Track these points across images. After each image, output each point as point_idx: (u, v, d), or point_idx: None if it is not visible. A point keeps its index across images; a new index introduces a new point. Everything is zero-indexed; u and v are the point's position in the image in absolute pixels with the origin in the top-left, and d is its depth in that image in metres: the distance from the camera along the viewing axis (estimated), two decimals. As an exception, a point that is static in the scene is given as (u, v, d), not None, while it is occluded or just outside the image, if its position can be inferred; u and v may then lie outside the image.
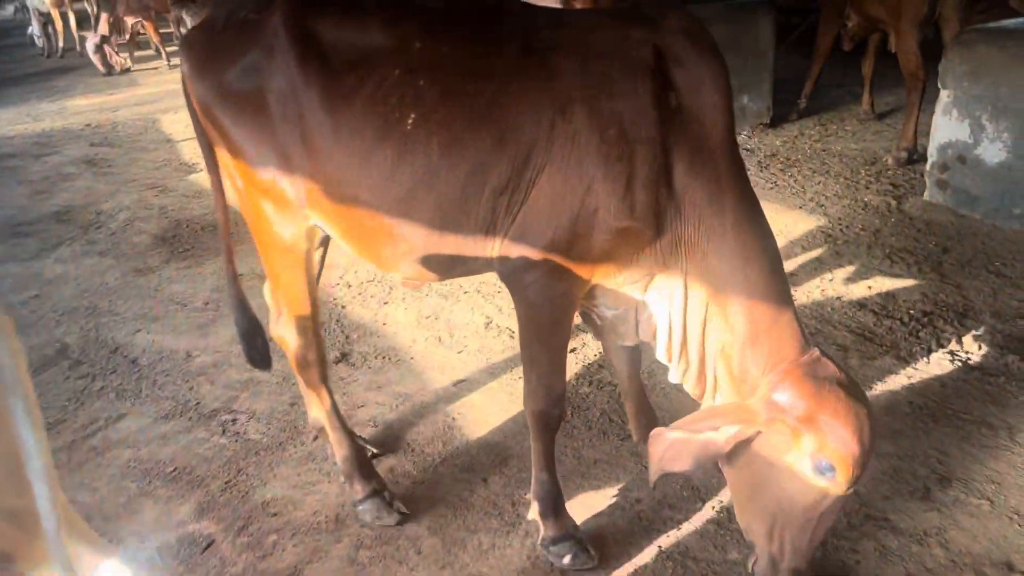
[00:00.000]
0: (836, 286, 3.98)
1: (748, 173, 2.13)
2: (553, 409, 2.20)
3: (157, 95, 9.76)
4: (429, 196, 2.01)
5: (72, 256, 4.81)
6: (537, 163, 1.96)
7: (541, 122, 1.94)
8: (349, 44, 2.04)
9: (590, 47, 1.99)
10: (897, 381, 3.13)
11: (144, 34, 12.40)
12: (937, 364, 3.22)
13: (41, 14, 13.98)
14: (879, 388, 3.09)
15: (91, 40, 11.42)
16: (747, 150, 6.23)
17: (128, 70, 11.86)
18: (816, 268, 4.19)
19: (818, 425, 1.78)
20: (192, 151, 6.91)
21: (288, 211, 2.19)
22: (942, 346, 3.35)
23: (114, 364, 3.57)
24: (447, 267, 2.17)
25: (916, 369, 3.20)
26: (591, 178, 1.93)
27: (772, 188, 5.38)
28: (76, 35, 13.22)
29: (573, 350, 3.43)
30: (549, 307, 2.08)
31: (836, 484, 1.80)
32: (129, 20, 11.72)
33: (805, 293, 3.91)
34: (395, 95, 1.97)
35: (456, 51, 2.02)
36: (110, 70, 11.58)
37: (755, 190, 2.09)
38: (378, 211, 2.06)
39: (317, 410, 2.59)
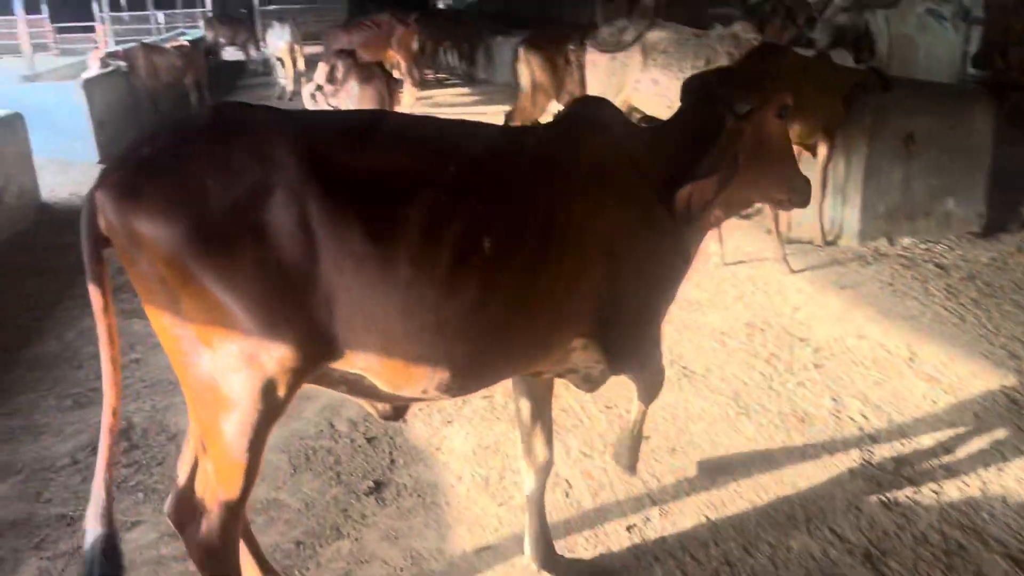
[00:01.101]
0: (1006, 481, 3.08)
1: (932, 298, 1.66)
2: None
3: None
4: (511, 323, 2.04)
5: (189, 319, 4.87)
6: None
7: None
8: (378, 175, 1.88)
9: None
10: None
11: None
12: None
13: (277, 58, 15.26)
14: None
15: (307, 87, 12.18)
16: (939, 266, 5.26)
17: (338, 116, 12.52)
18: (985, 449, 3.30)
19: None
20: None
21: (276, 363, 1.85)
22: None
23: (164, 454, 3.47)
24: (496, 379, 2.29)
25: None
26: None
27: (955, 323, 4.44)
28: (303, 80, 14.23)
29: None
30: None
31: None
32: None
33: (958, 484, 3.06)
34: (452, 230, 1.91)
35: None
36: (322, 116, 12.28)
37: (931, 322, 1.54)
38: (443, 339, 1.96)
39: None
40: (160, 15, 27.03)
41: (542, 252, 2.02)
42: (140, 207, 1.75)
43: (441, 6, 24.35)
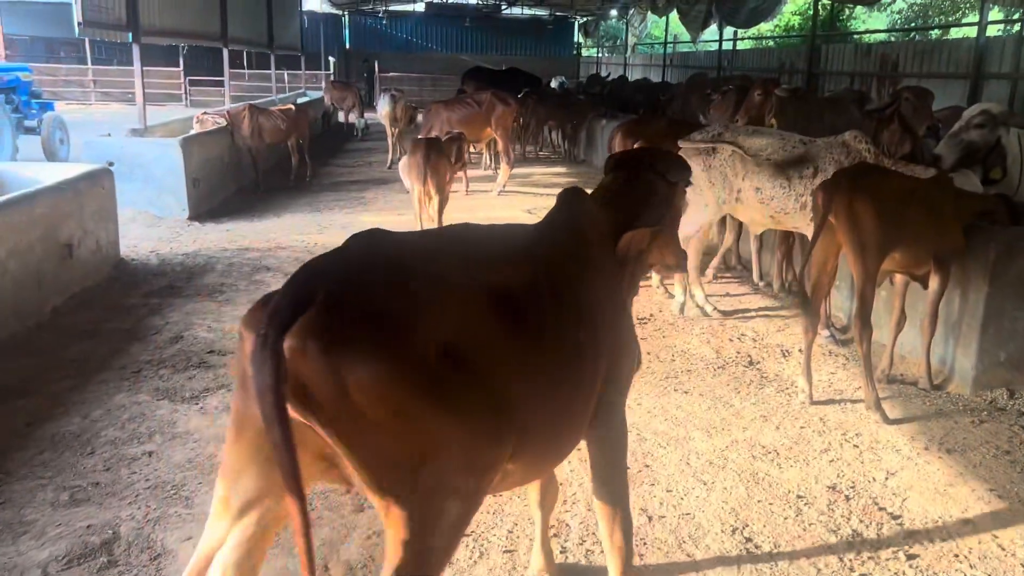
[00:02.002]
0: None
1: None
2: None
3: (431, 222, 9.94)
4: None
5: (218, 409, 4.59)
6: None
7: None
8: (505, 293, 2.10)
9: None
10: None
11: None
12: None
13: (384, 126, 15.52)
14: None
15: (403, 160, 12.16)
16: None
17: (431, 189, 12.44)
18: None
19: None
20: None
21: (491, 467, 2.03)
22: None
23: (141, 578, 3.11)
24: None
25: None
26: None
27: (998, 454, 3.67)
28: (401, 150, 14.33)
29: None
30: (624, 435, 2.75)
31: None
32: (440, 144, 12.33)
33: None
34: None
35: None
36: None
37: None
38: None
39: None
40: (285, 74, 28.33)
41: (588, 335, 2.37)
42: (351, 350, 1.74)
43: (554, 85, 24.51)
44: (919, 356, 5.27)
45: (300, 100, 20.68)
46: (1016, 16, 12.85)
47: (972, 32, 16.33)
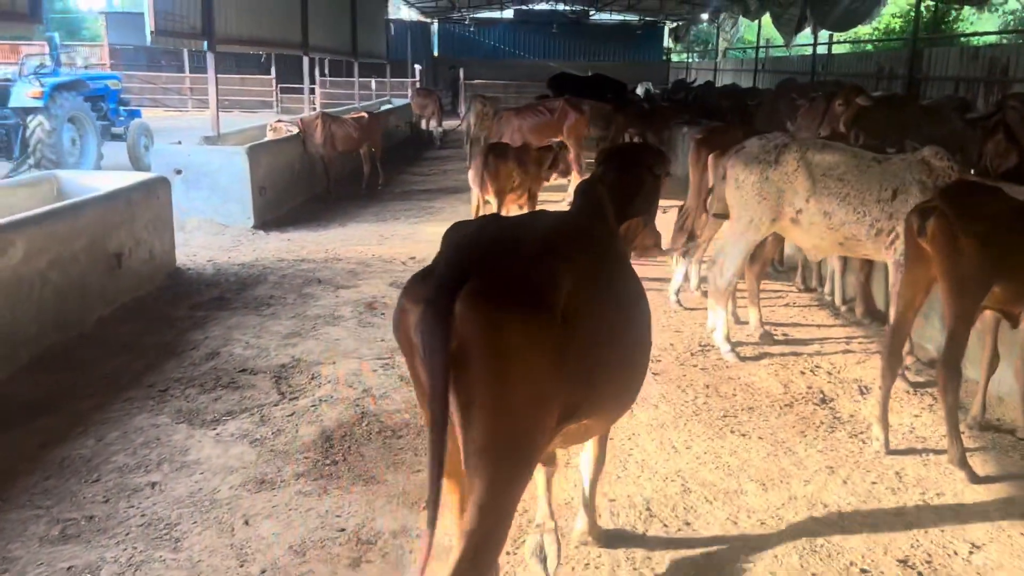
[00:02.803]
0: None
1: None
2: None
3: (497, 234, 9.63)
4: None
5: (234, 437, 4.35)
6: None
7: None
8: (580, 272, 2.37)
9: None
10: None
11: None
12: None
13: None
14: None
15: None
16: None
17: (501, 199, 12.13)
18: None
19: None
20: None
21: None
22: None
23: (111, 632, 2.85)
24: None
25: None
26: None
27: None
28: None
29: None
30: None
31: None
32: (510, 152, 12.03)
33: None
34: None
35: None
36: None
37: None
38: None
39: None
40: (372, 82, 28.65)
41: (637, 303, 2.73)
42: (508, 312, 2.08)
43: (639, 91, 23.93)
44: (1016, 399, 4.62)
45: (384, 107, 20.81)
46: None
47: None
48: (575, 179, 11.86)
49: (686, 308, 6.80)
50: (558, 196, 12.19)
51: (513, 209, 8.03)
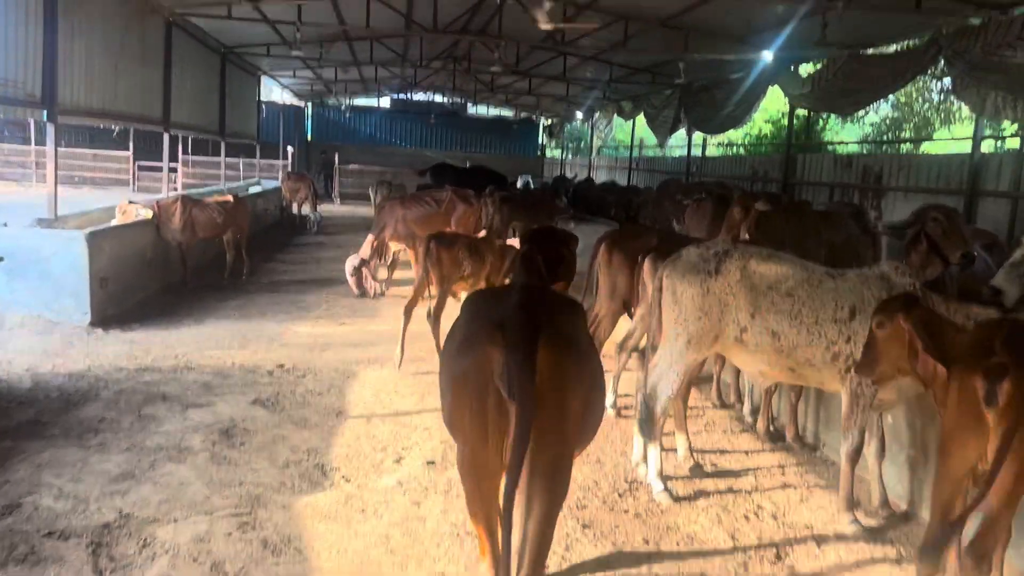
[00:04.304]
0: None
1: None
2: None
3: (380, 336, 8.60)
4: None
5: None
6: None
7: None
8: None
9: None
10: None
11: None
12: None
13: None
14: None
15: (351, 260, 10.90)
16: None
17: (381, 294, 11.12)
18: None
19: None
20: (346, 451, 5.30)
21: None
22: None
23: None
24: None
25: None
26: None
27: None
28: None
29: None
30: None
31: None
32: (393, 246, 11.11)
33: None
34: None
35: None
36: (363, 293, 10.91)
37: None
38: None
39: None
40: (240, 162, 27.21)
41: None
42: (568, 355, 2.99)
43: (519, 184, 23.75)
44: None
45: (253, 189, 19.54)
46: (1007, 133, 12.27)
47: (952, 147, 15.87)
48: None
49: (603, 431, 5.97)
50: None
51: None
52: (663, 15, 14.41)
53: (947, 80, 22.16)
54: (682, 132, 21.34)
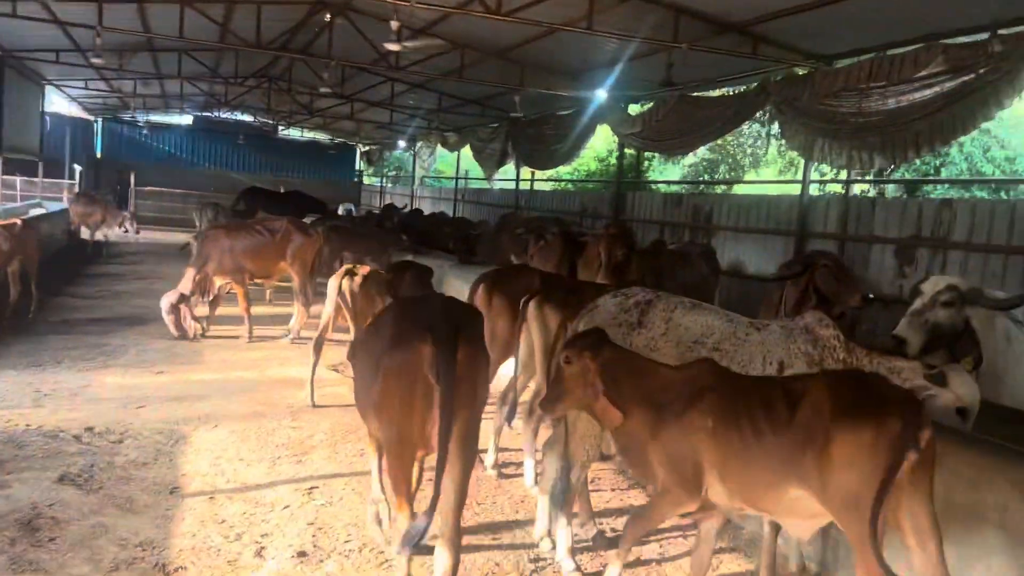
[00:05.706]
0: None
1: None
2: None
3: (207, 386, 7.45)
4: None
5: None
6: None
7: None
8: None
9: None
10: None
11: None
12: None
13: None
14: None
15: (168, 297, 9.54)
16: None
17: (203, 335, 9.82)
18: None
19: None
20: (191, 542, 4.27)
21: None
22: None
23: None
24: None
25: None
26: None
27: None
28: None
29: None
30: None
31: None
32: (218, 281, 9.86)
33: None
34: None
35: None
36: (182, 334, 9.56)
37: None
38: None
39: None
40: (18, 180, 24.02)
41: None
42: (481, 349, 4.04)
43: (341, 212, 22.67)
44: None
45: (35, 212, 17.13)
46: (829, 177, 13.01)
47: (776, 190, 16.73)
48: (301, 314, 10.06)
49: (490, 498, 5.33)
50: (278, 330, 10.20)
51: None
52: (501, 46, 14.17)
53: (757, 126, 23.83)
54: (511, 165, 21.26)
